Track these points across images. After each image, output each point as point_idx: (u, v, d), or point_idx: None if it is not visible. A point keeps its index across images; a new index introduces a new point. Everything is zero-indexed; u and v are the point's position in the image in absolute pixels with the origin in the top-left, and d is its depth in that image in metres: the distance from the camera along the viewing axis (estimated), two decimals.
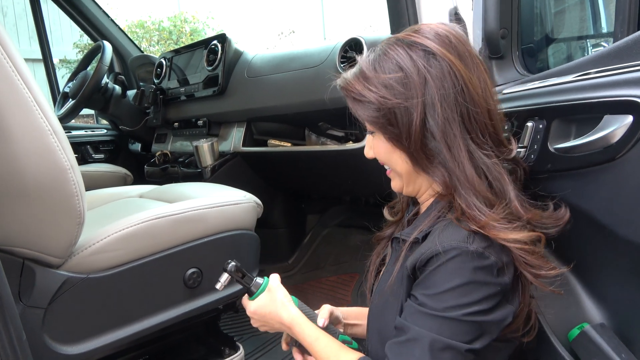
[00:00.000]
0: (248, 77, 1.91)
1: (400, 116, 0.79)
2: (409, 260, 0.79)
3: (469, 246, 0.73)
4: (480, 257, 0.72)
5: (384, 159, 0.88)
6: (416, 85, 0.78)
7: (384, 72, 0.80)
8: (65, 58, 6.28)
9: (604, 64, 0.86)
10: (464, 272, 0.72)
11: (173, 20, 7.34)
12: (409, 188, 0.88)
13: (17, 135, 0.87)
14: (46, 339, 1.00)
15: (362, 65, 0.84)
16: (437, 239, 0.75)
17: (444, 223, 0.79)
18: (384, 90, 0.79)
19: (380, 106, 0.80)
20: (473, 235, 0.74)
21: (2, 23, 0.89)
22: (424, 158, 0.80)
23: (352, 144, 1.64)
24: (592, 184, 0.85)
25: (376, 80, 0.80)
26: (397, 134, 0.80)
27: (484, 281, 0.73)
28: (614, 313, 0.92)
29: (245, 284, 0.94)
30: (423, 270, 0.76)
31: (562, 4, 1.57)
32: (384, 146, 0.85)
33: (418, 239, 0.81)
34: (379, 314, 0.87)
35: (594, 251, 0.92)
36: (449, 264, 0.73)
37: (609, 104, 0.80)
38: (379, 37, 1.51)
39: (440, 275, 0.73)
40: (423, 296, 0.75)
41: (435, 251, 0.74)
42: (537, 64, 1.38)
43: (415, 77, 0.78)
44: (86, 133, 2.77)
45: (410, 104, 0.79)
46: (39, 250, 0.97)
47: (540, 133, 0.93)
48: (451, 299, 0.72)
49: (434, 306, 0.73)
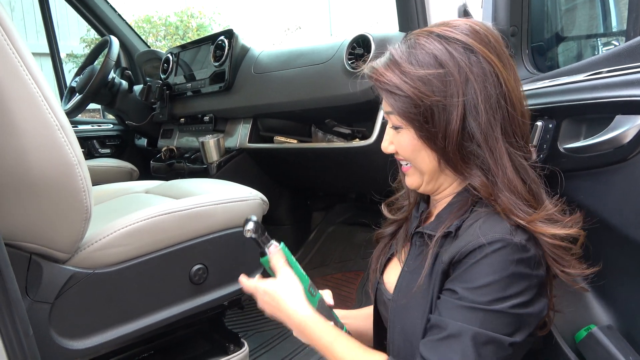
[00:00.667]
0: (255, 74, 1.91)
1: (438, 114, 0.77)
2: (446, 254, 0.77)
3: (514, 238, 0.72)
4: (523, 249, 0.72)
5: (409, 156, 0.83)
6: (457, 84, 0.76)
7: (421, 65, 0.77)
8: (72, 52, 6.30)
9: (616, 63, 0.85)
10: (507, 265, 0.71)
11: (180, 15, 7.35)
12: (428, 186, 0.86)
13: (25, 130, 0.87)
14: (52, 334, 1.00)
15: (394, 55, 0.80)
16: (478, 230, 0.73)
17: (479, 215, 0.77)
18: (422, 85, 0.76)
19: (417, 102, 0.77)
20: (515, 227, 0.73)
21: (10, 18, 0.89)
22: (458, 159, 0.78)
23: (358, 141, 1.63)
24: (602, 185, 0.85)
25: (413, 74, 0.77)
26: (433, 133, 0.78)
27: (525, 273, 0.72)
28: (621, 315, 0.91)
29: (261, 242, 0.90)
30: (462, 263, 0.74)
31: (572, 1, 1.56)
32: (413, 143, 0.81)
33: (451, 232, 0.78)
34: (403, 313, 0.84)
35: (603, 252, 0.91)
36: (493, 256, 0.71)
37: (621, 104, 0.79)
38: (386, 35, 1.50)
39: (483, 268, 0.71)
40: (464, 290, 0.72)
41: (478, 243, 0.72)
42: (547, 62, 1.37)
43: (457, 74, 0.76)
44: (92, 128, 2.77)
45: (449, 103, 0.76)
46: (46, 245, 0.97)
47: (550, 132, 0.92)
48: (495, 292, 0.71)
49: (476, 299, 0.71)
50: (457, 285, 0.74)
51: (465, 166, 0.79)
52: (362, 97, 1.49)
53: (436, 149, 0.79)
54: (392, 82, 0.78)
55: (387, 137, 0.86)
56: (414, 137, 0.80)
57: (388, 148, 0.86)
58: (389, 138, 0.85)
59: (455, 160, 0.79)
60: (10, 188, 0.88)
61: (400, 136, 0.83)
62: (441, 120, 0.77)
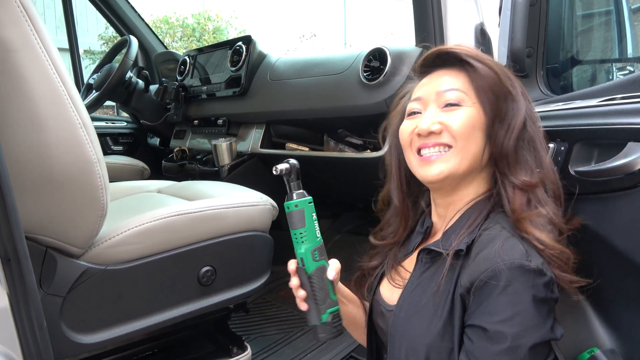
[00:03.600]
0: (270, 80, 1.93)
1: (510, 103, 0.83)
2: (465, 278, 0.76)
3: (531, 264, 0.72)
4: (540, 273, 0.72)
5: (462, 133, 0.81)
6: (518, 88, 0.85)
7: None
8: (90, 49, 6.37)
9: (631, 90, 0.87)
10: (528, 291, 0.71)
11: (197, 17, 7.41)
12: (455, 180, 0.84)
13: (49, 126, 0.90)
14: (63, 327, 1.03)
15: (473, 47, 0.87)
16: (497, 257, 0.73)
17: (493, 234, 0.78)
18: (505, 72, 0.84)
19: (500, 82, 0.82)
20: (529, 251, 0.74)
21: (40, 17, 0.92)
22: (511, 153, 0.82)
23: (369, 152, 1.65)
24: (611, 210, 0.86)
25: (495, 63, 0.85)
26: (500, 118, 0.82)
27: (545, 298, 0.73)
28: (625, 340, 0.92)
29: (289, 184, 0.90)
30: (483, 291, 0.73)
31: (588, 23, 1.57)
32: (472, 121, 0.82)
33: (462, 250, 0.79)
34: (406, 329, 0.83)
35: (609, 276, 0.92)
36: (515, 284, 0.71)
37: (633, 131, 0.80)
38: (403, 48, 1.52)
39: (506, 298, 0.71)
40: (491, 324, 0.72)
41: (498, 270, 0.72)
42: (561, 84, 1.38)
43: (517, 81, 0.85)
44: (107, 125, 2.81)
45: (519, 100, 0.84)
46: (62, 239, 0.99)
47: (562, 155, 0.93)
48: (523, 322, 0.71)
49: (506, 332, 0.70)
50: (484, 320, 0.73)
51: (514, 163, 0.82)
52: (376, 109, 1.50)
53: (494, 135, 0.82)
54: (481, 57, 0.84)
55: (429, 116, 0.84)
56: (475, 115, 0.83)
57: (432, 126, 0.82)
58: (431, 117, 0.84)
59: (507, 153, 0.82)
60: (32, 182, 0.91)
61: (455, 114, 0.82)
62: (509, 109, 0.82)
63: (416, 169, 0.87)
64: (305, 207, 0.88)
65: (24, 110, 0.87)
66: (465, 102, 0.83)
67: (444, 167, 0.82)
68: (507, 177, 0.82)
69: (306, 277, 0.88)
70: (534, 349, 0.71)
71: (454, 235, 0.83)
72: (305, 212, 0.88)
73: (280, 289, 2.13)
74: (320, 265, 0.88)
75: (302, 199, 0.88)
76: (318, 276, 0.88)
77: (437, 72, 0.88)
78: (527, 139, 0.83)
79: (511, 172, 0.82)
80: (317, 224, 0.89)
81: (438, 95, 0.84)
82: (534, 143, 0.83)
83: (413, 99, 0.89)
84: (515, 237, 0.76)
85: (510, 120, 0.82)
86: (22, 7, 0.85)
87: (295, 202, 0.88)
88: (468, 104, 0.82)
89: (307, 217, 0.88)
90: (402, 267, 0.95)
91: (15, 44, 0.85)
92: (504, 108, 0.82)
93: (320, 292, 0.88)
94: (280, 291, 2.12)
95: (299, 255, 0.88)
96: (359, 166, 1.70)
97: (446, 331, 0.77)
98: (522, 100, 0.84)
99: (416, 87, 0.91)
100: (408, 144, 0.87)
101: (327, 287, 0.89)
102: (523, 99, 0.84)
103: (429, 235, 0.94)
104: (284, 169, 0.89)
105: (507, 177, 0.82)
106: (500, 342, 0.71)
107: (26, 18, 0.85)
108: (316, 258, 0.88)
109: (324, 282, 0.88)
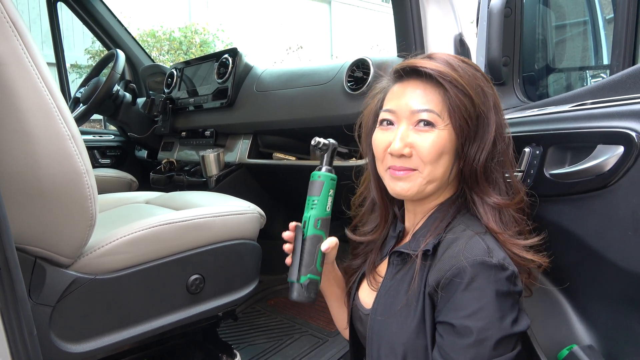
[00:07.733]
0: (257, 91, 1.96)
1: (482, 123, 0.84)
2: (431, 276, 0.79)
3: (492, 259, 0.75)
4: (502, 268, 0.75)
5: (430, 158, 0.82)
6: (490, 104, 0.85)
7: (469, 76, 0.84)
8: (77, 63, 6.37)
9: (600, 96, 0.91)
10: (491, 286, 0.74)
11: (184, 31, 7.44)
12: (422, 194, 0.86)
13: (39, 138, 0.91)
14: (52, 337, 1.03)
15: (448, 60, 0.84)
16: (460, 254, 0.76)
17: (457, 234, 0.81)
18: (478, 92, 0.83)
19: (472, 103, 0.82)
20: (491, 247, 0.77)
21: (29, 32, 0.94)
22: (480, 173, 0.84)
23: (355, 160, 1.68)
24: (584, 210, 0.89)
25: (471, 79, 0.83)
26: (471, 138, 0.83)
27: (508, 291, 0.75)
28: (602, 336, 0.95)
29: (323, 157, 0.98)
30: (449, 288, 0.76)
31: (563, 34, 1.62)
32: (441, 145, 0.82)
33: (429, 250, 0.82)
34: (382, 330, 0.86)
35: (585, 275, 0.96)
36: (477, 280, 0.74)
37: (602, 134, 0.84)
38: (386, 59, 1.56)
39: (470, 294, 0.74)
40: (458, 319, 0.74)
41: (462, 267, 0.75)
42: (537, 91, 1.43)
43: (490, 97, 0.85)
44: (94, 138, 2.82)
45: (489, 117, 0.85)
46: (51, 249, 1.00)
47: (537, 159, 0.97)
48: (488, 315, 0.73)
49: (472, 326, 0.73)
50: (451, 316, 0.76)
51: (484, 182, 0.85)
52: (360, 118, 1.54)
53: (464, 155, 0.84)
54: (455, 79, 0.81)
55: (401, 136, 0.83)
56: (445, 138, 0.82)
57: (403, 149, 0.83)
58: (403, 137, 0.83)
59: (477, 173, 0.84)
60: (21, 193, 0.92)
61: (426, 136, 0.82)
62: (479, 129, 0.84)
63: (387, 182, 0.90)
64: (327, 180, 0.96)
65: (13, 123, 0.89)
66: (438, 124, 0.82)
67: (411, 185, 0.85)
68: (477, 194, 0.85)
69: (302, 238, 0.94)
70: (500, 342, 0.73)
71: (422, 237, 0.86)
72: (324, 184, 0.95)
73: (269, 298, 2.14)
74: (318, 234, 0.94)
75: (327, 173, 0.96)
76: (312, 242, 0.93)
77: (412, 83, 0.85)
78: (497, 157, 0.85)
79: (481, 190, 0.85)
80: (331, 200, 0.96)
81: (412, 113, 0.83)
82: (502, 163, 0.86)
83: (386, 108, 0.88)
84: (478, 236, 0.79)
85: (480, 139, 0.84)
86: (11, 22, 0.87)
87: (320, 174, 0.96)
88: (440, 127, 0.82)
89: (325, 189, 0.95)
90: (377, 271, 0.98)
91: (5, 58, 0.86)
92: (475, 128, 0.83)
93: (308, 256, 0.93)
94: (270, 300, 2.13)
95: (304, 217, 0.95)
96: (345, 174, 1.73)
97: (420, 329, 0.81)
98: (492, 117, 0.84)
99: (389, 92, 0.90)
100: (381, 159, 0.89)
101: (316, 256, 0.93)
102: (494, 113, 0.85)
103: (402, 238, 0.97)
104: (322, 143, 0.98)
105: (477, 194, 0.85)
106: (466, 336, 0.74)
107: (15, 33, 0.87)
108: (317, 226, 0.94)
109: (315, 249, 0.93)
